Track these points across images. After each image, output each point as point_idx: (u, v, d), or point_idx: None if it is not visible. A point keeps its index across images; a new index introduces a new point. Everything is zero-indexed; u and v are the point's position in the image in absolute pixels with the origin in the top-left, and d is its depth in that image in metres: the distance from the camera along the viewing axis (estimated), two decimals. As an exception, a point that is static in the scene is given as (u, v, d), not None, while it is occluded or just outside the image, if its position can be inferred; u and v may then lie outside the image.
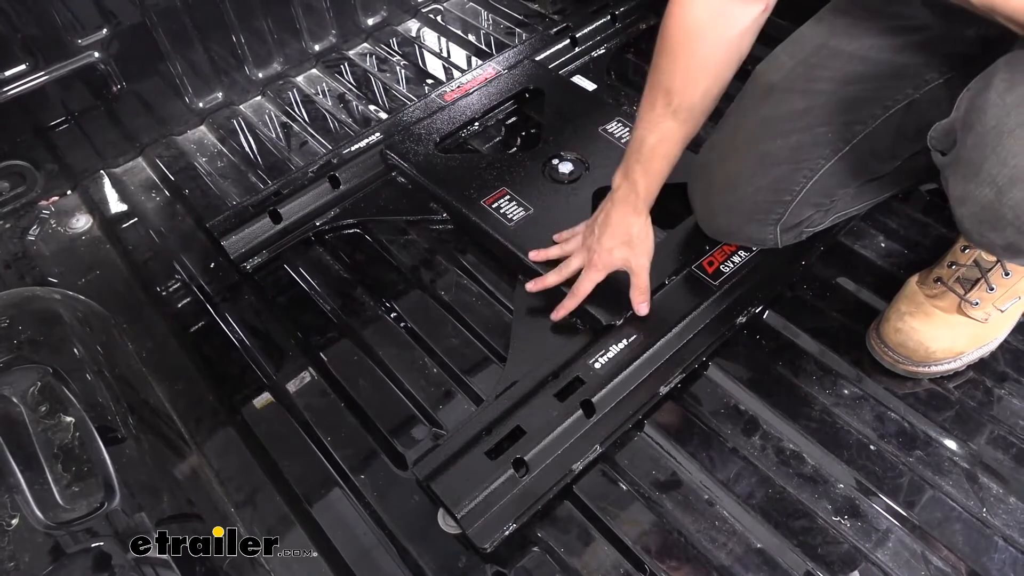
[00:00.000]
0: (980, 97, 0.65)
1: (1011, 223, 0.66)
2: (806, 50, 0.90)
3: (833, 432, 0.94)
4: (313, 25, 1.57)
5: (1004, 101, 0.63)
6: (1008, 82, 0.63)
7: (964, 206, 0.70)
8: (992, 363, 0.99)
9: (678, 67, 0.87)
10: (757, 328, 1.06)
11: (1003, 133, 0.63)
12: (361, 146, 1.31)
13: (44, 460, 0.82)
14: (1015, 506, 0.87)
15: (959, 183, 0.69)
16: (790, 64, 0.90)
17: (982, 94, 0.65)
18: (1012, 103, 0.62)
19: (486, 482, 0.87)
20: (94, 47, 1.29)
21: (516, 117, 1.44)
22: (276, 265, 1.22)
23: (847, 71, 0.87)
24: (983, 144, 0.65)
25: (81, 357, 0.98)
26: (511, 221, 1.15)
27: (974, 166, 0.67)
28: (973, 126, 0.66)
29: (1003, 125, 0.63)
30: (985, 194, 0.66)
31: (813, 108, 0.89)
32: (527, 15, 1.73)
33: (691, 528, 0.88)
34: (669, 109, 0.88)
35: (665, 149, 0.91)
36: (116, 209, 1.35)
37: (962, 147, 0.68)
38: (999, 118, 0.63)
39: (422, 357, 1.07)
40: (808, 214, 0.97)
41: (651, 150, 0.92)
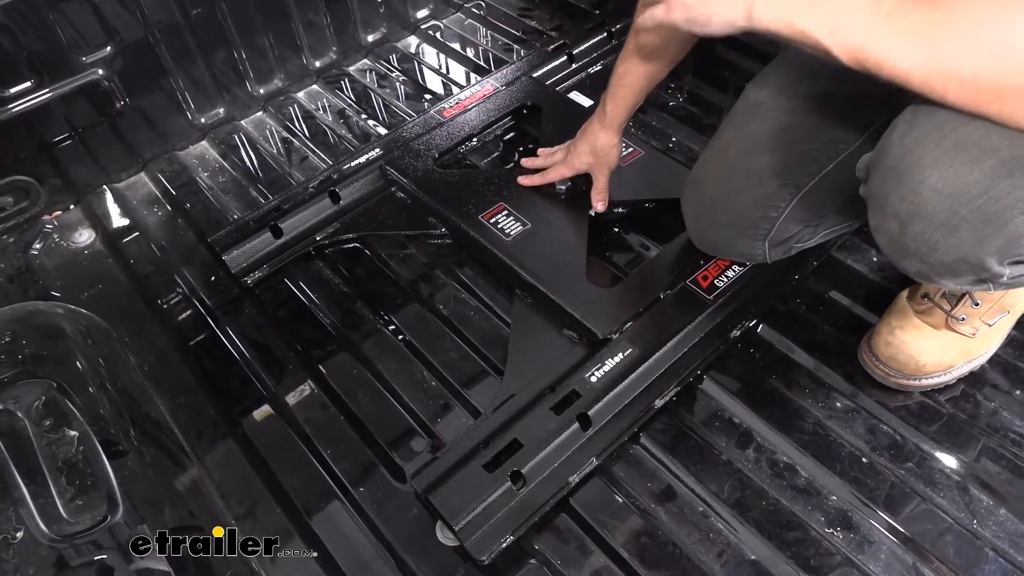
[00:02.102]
0: (887, 138, 0.70)
1: (914, 254, 0.71)
2: (791, 70, 0.92)
3: (826, 445, 0.96)
4: (314, 41, 1.60)
5: (903, 142, 0.67)
6: (909, 124, 0.67)
7: (878, 235, 0.75)
8: (983, 376, 1.01)
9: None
10: (751, 342, 1.08)
11: (901, 172, 0.68)
12: (361, 161, 1.33)
13: (48, 473, 0.83)
14: (1005, 518, 0.88)
15: (873, 215, 0.74)
16: (777, 82, 0.92)
17: (889, 135, 0.70)
18: (909, 144, 0.67)
19: (484, 495, 0.88)
20: (98, 64, 1.31)
21: (514, 133, 1.46)
22: (277, 279, 1.23)
23: (831, 90, 0.89)
24: (886, 181, 0.70)
25: (84, 371, 0.99)
26: (509, 236, 1.17)
27: (881, 201, 0.71)
28: (879, 164, 0.71)
29: (901, 164, 0.68)
30: (891, 226, 0.71)
31: (797, 126, 0.91)
32: (525, 32, 1.76)
33: (686, 540, 0.89)
34: (636, 47, 1.00)
35: (630, 80, 1.04)
36: (118, 224, 1.36)
37: (872, 183, 0.73)
38: (898, 158, 0.68)
39: (421, 370, 1.09)
40: (796, 230, 0.99)
41: (619, 79, 1.05)
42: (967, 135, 0.63)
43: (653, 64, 1.02)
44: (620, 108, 1.08)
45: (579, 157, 1.17)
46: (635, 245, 1.23)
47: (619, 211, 1.23)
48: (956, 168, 0.64)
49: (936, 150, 0.65)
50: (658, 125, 1.45)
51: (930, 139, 0.65)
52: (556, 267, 1.11)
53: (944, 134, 0.64)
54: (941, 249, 0.69)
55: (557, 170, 1.22)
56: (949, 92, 0.62)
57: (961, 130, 0.63)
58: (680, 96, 1.52)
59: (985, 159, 0.63)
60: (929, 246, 0.69)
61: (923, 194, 0.66)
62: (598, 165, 1.16)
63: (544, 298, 1.09)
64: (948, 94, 0.62)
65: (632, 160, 1.28)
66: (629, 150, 1.29)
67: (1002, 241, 0.66)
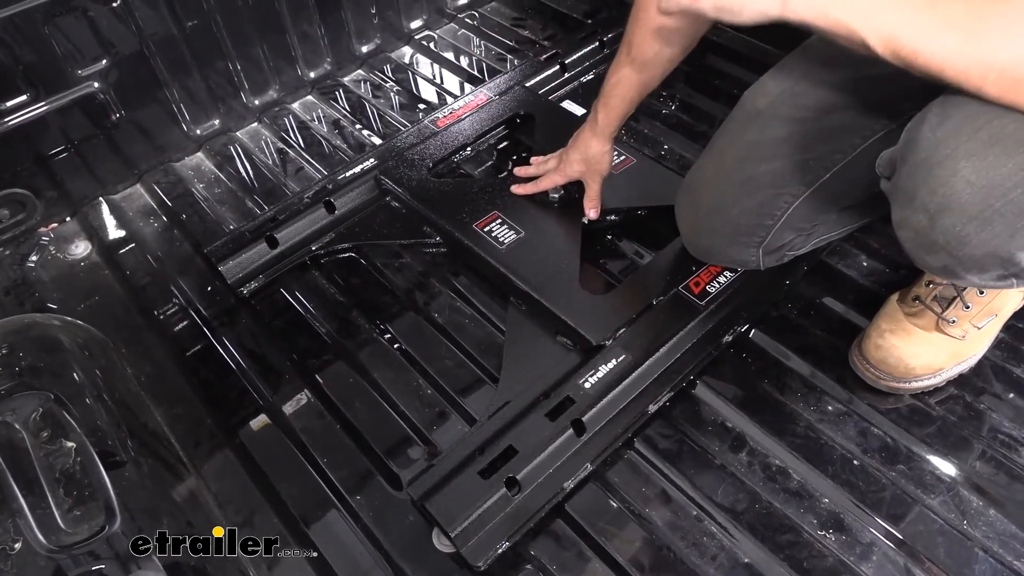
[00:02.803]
0: (915, 131, 0.70)
1: (943, 247, 0.70)
2: (790, 78, 0.92)
3: (818, 448, 0.97)
4: (308, 53, 1.61)
5: (935, 135, 0.67)
6: (940, 116, 0.67)
7: (902, 230, 0.74)
8: (972, 379, 1.02)
9: (638, 26, 0.99)
10: (743, 347, 1.09)
11: (933, 165, 0.67)
12: (356, 171, 1.34)
13: (46, 485, 0.84)
14: (995, 518, 0.89)
15: (898, 209, 0.74)
16: (775, 91, 0.93)
17: (917, 128, 0.69)
18: (941, 137, 0.67)
19: (479, 501, 0.89)
20: (94, 77, 1.32)
21: (508, 142, 1.47)
22: (273, 289, 1.24)
23: (828, 100, 0.89)
24: (916, 174, 0.70)
25: (81, 382, 0.99)
26: (503, 244, 1.18)
27: (909, 194, 0.71)
28: (908, 158, 0.71)
29: (933, 157, 0.67)
30: (919, 220, 0.71)
31: (795, 135, 0.91)
32: (518, 42, 1.77)
33: (680, 544, 0.90)
34: (629, 58, 1.02)
35: (622, 90, 1.05)
36: (115, 235, 1.37)
37: (899, 176, 0.73)
38: (929, 151, 0.68)
39: (416, 379, 1.09)
40: (790, 238, 0.99)
41: (611, 88, 1.06)
42: (1000, 128, 0.63)
43: (646, 74, 1.03)
44: (612, 117, 1.09)
45: (571, 165, 1.19)
46: (628, 252, 1.24)
47: (611, 218, 1.25)
48: (991, 160, 0.64)
49: (970, 143, 0.64)
50: (650, 133, 1.47)
51: (963, 132, 0.65)
52: (550, 275, 1.12)
53: (978, 126, 0.64)
54: (972, 243, 0.68)
55: (550, 178, 1.23)
56: (986, 83, 0.61)
57: (995, 123, 0.63)
58: (672, 104, 1.53)
59: (1019, 152, 0.63)
60: (960, 240, 0.68)
61: (956, 186, 0.66)
62: (590, 172, 1.18)
63: (538, 305, 1.10)
64: (985, 85, 0.61)
65: (624, 168, 1.29)
66: (621, 158, 1.30)
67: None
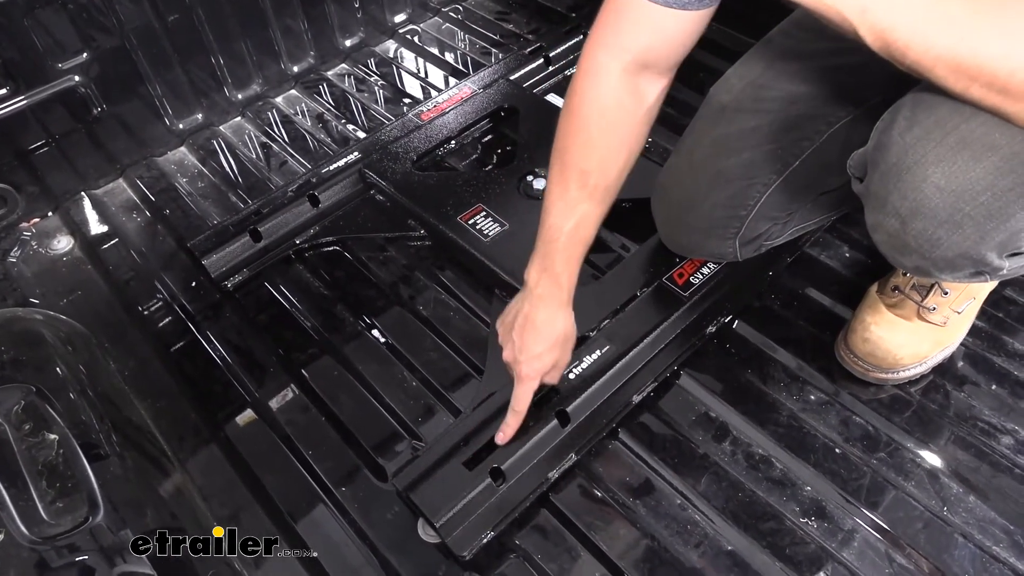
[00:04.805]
0: (885, 134, 0.70)
1: (915, 250, 0.72)
2: (754, 71, 0.93)
3: (800, 437, 0.98)
4: (292, 47, 1.60)
5: (904, 140, 0.68)
6: (909, 120, 0.68)
7: (876, 233, 0.76)
8: (950, 366, 1.03)
9: (594, 147, 0.83)
10: (727, 337, 1.10)
11: (903, 170, 0.68)
12: (340, 165, 1.34)
13: (29, 477, 0.83)
14: (974, 504, 0.90)
15: (871, 213, 0.75)
16: (740, 85, 0.94)
17: (887, 131, 0.70)
18: (911, 142, 0.67)
19: (464, 491, 0.89)
20: (74, 71, 1.31)
21: (492, 135, 1.47)
22: (257, 283, 1.24)
23: (792, 90, 0.91)
24: (887, 180, 0.70)
25: (64, 376, 0.99)
26: (487, 237, 1.18)
27: (881, 199, 0.72)
28: (878, 163, 0.71)
29: (902, 163, 0.68)
30: (892, 224, 0.72)
31: (762, 126, 0.92)
32: (502, 35, 1.77)
33: (664, 532, 0.90)
34: (585, 191, 0.84)
35: (584, 233, 0.86)
36: (97, 230, 1.36)
37: (871, 181, 0.74)
38: (899, 156, 0.68)
39: (402, 372, 1.10)
40: (765, 228, 1.00)
41: (570, 237, 0.85)
42: (969, 132, 0.63)
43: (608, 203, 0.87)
44: (576, 271, 0.88)
45: (539, 360, 0.89)
46: (612, 244, 1.25)
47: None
48: (959, 165, 0.64)
49: (938, 148, 0.65)
50: (634, 126, 1.47)
51: (932, 137, 0.65)
52: (534, 267, 1.12)
53: (946, 131, 0.65)
54: (943, 245, 0.69)
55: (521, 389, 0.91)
56: (974, 86, 0.59)
57: (963, 127, 0.64)
58: (656, 98, 1.54)
59: (988, 156, 0.63)
60: (931, 243, 0.70)
61: (926, 192, 0.67)
62: (564, 354, 0.93)
63: (523, 297, 1.10)
64: (972, 87, 0.59)
65: (608, 161, 1.29)
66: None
67: (1004, 236, 0.67)
